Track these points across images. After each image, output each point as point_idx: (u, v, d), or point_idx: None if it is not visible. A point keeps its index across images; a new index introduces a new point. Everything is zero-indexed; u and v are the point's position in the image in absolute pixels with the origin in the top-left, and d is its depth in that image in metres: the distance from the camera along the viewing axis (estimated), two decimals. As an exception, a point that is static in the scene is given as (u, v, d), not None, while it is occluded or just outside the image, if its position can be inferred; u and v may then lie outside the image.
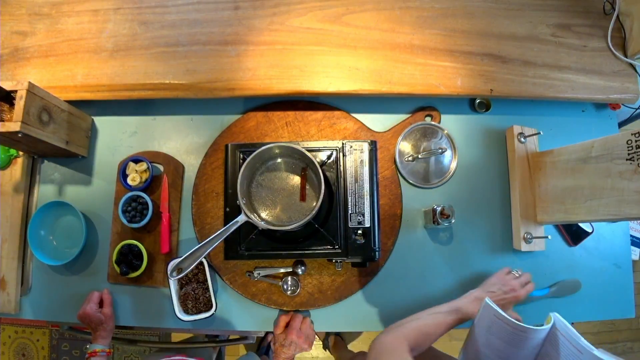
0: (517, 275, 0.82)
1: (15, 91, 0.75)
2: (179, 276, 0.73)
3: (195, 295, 0.86)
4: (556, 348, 0.68)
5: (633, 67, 0.95)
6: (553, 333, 0.68)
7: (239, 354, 1.72)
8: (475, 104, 0.99)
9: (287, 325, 0.85)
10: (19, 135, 0.74)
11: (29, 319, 0.94)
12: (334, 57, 0.91)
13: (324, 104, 0.97)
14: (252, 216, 0.77)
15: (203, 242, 0.74)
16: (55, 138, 0.84)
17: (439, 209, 0.86)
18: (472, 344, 0.76)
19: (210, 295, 0.86)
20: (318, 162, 0.80)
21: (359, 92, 0.90)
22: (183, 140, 0.97)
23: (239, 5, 0.94)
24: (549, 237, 0.90)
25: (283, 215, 0.83)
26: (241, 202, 0.77)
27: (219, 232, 0.75)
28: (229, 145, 0.86)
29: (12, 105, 0.75)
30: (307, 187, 0.84)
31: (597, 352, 0.62)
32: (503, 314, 0.67)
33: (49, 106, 0.82)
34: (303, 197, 0.83)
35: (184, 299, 0.87)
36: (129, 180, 0.90)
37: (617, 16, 0.95)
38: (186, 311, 0.86)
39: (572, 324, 0.73)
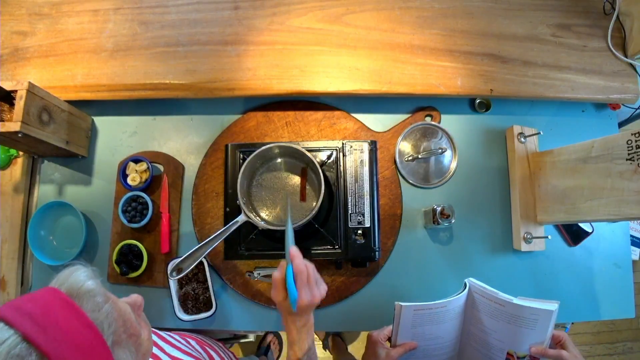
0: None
1: (15, 91, 0.75)
2: (179, 276, 0.73)
3: (195, 295, 0.86)
4: (480, 310, 0.73)
5: (633, 67, 0.95)
6: (472, 297, 0.73)
7: (239, 354, 1.72)
8: (475, 104, 0.99)
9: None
10: (19, 135, 0.74)
11: (29, 319, 0.94)
12: (334, 57, 0.91)
13: (324, 104, 0.97)
14: (252, 216, 0.77)
15: (203, 242, 0.74)
16: (55, 138, 0.84)
17: (439, 209, 0.86)
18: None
19: (210, 295, 0.86)
20: (318, 162, 0.80)
21: (359, 92, 0.90)
22: (183, 140, 0.97)
23: (239, 5, 0.94)
24: (549, 237, 0.90)
25: (283, 215, 0.83)
26: (241, 202, 0.77)
27: (219, 232, 0.75)
28: (229, 145, 0.86)
29: (12, 105, 0.75)
30: (307, 187, 0.84)
31: (516, 300, 0.68)
32: (421, 303, 0.70)
33: (49, 106, 0.82)
34: (303, 197, 0.83)
35: (184, 299, 0.87)
36: (129, 180, 0.90)
37: (617, 16, 0.95)
38: (186, 311, 0.86)
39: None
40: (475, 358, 0.77)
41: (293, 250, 0.63)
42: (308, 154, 0.79)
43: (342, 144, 0.85)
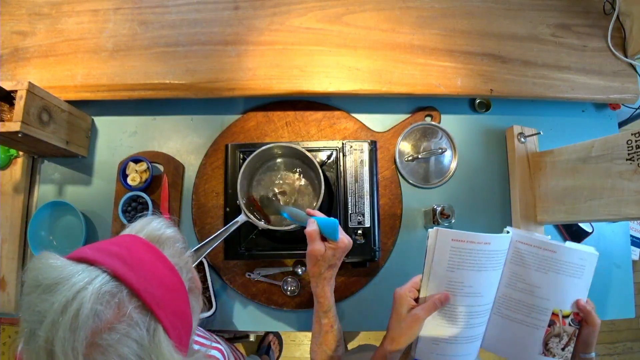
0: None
1: (15, 91, 0.75)
2: (179, 276, 0.73)
3: (195, 295, 0.87)
4: (524, 263, 0.63)
5: (633, 67, 0.95)
6: (515, 249, 0.63)
7: (239, 354, 1.72)
8: (475, 104, 0.99)
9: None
10: (19, 135, 0.74)
11: (29, 319, 0.94)
12: (334, 57, 0.91)
13: (324, 104, 0.97)
14: (252, 216, 0.77)
15: (203, 242, 0.74)
16: (55, 138, 0.84)
17: (439, 208, 0.86)
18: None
19: (210, 295, 0.86)
20: (318, 162, 0.80)
21: (359, 92, 0.90)
22: (183, 140, 0.97)
23: (239, 5, 0.94)
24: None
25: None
26: (241, 202, 0.77)
27: (219, 232, 0.75)
28: (229, 145, 0.86)
29: (12, 105, 0.75)
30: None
31: (568, 243, 0.62)
32: (461, 232, 0.58)
33: (49, 106, 0.82)
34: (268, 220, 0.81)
35: (184, 299, 0.87)
36: (129, 180, 0.90)
37: (617, 16, 0.95)
38: (186, 311, 0.86)
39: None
40: (508, 330, 0.64)
41: (311, 210, 0.68)
42: (308, 154, 0.79)
43: (342, 144, 0.85)
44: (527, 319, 0.63)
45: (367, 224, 0.83)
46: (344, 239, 0.66)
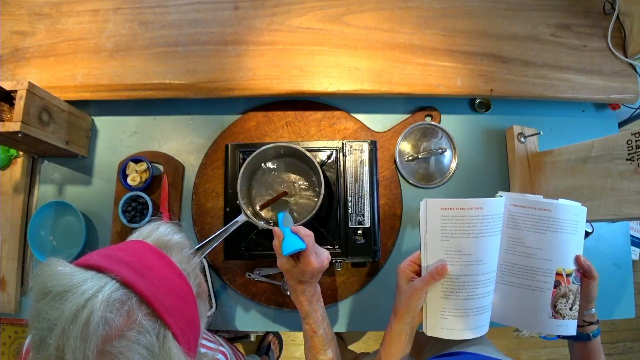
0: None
1: (15, 91, 0.75)
2: (179, 276, 0.73)
3: (195, 295, 0.87)
4: (520, 226, 0.61)
5: (633, 67, 0.95)
6: (510, 214, 0.62)
7: (239, 354, 1.72)
8: (475, 104, 0.99)
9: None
10: (19, 135, 0.74)
11: (29, 319, 0.94)
12: (334, 57, 0.91)
13: (324, 104, 0.97)
14: (252, 216, 0.77)
15: (203, 242, 0.74)
16: (55, 138, 0.84)
17: (439, 209, 0.86)
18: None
19: (210, 295, 0.86)
20: (318, 162, 0.80)
21: (359, 92, 0.90)
22: (183, 140, 0.97)
23: (239, 5, 0.94)
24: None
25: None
26: (241, 202, 0.77)
27: (219, 232, 0.75)
28: (229, 145, 0.86)
29: (12, 105, 0.75)
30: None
31: (561, 200, 0.61)
32: (450, 199, 0.57)
33: (49, 106, 0.82)
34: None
35: (184, 299, 0.87)
36: (129, 180, 0.90)
37: (617, 16, 0.95)
38: (186, 311, 0.86)
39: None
40: (515, 297, 0.62)
41: (295, 226, 0.66)
42: (308, 154, 0.79)
43: (342, 144, 0.85)
44: (532, 283, 0.61)
45: (367, 224, 0.83)
46: (313, 262, 0.62)
